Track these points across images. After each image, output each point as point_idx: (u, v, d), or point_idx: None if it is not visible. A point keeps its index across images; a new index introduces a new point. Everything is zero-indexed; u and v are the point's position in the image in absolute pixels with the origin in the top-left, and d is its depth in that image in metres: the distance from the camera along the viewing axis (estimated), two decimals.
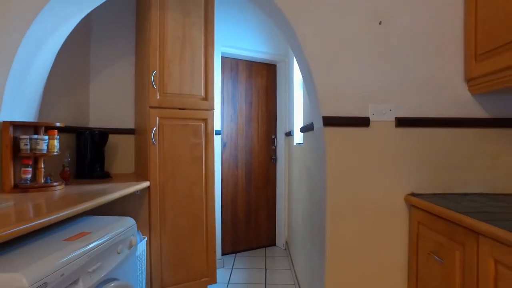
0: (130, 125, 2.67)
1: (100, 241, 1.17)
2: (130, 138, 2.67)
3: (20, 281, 0.80)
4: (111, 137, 2.48)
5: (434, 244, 1.34)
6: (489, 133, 1.58)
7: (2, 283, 0.79)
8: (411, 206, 1.55)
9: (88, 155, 2.26)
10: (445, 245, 1.26)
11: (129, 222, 1.45)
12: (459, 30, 1.57)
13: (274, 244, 3.80)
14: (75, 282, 1.00)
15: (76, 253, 1.02)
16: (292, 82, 3.36)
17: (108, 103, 2.61)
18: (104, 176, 2.27)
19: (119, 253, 1.29)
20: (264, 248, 3.72)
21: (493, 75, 1.40)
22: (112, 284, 1.18)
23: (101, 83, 2.60)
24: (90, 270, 1.08)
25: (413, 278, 1.53)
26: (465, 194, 1.56)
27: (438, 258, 1.30)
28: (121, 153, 2.64)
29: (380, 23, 1.58)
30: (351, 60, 1.58)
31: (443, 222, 1.27)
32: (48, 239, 1.09)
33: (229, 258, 3.40)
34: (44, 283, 0.86)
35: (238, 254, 3.52)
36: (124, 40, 2.62)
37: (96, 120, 2.59)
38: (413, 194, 1.56)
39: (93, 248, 1.11)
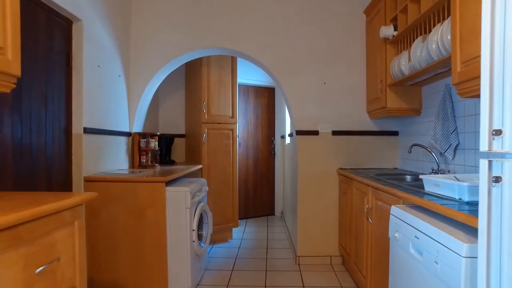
0: (182, 131, 4.27)
1: (199, 184, 2.77)
2: (181, 140, 4.27)
3: (187, 190, 2.42)
4: None
5: (344, 188, 2.95)
6: (377, 138, 3.19)
7: (180, 191, 2.41)
8: (339, 174, 3.15)
9: (164, 149, 3.86)
10: (347, 188, 2.86)
11: (204, 180, 3.05)
12: (364, 89, 3.18)
13: (273, 214, 5.40)
14: (194, 195, 2.60)
15: (197, 186, 2.63)
16: None
17: (168, 118, 4.21)
18: (172, 162, 3.86)
19: (203, 192, 2.89)
20: (266, 216, 5.33)
21: (374, 111, 3.01)
22: (202, 203, 2.79)
23: (165, 107, 4.20)
24: (197, 194, 2.68)
25: (340, 207, 3.14)
26: (366, 169, 3.16)
27: (345, 195, 2.91)
28: (176, 149, 4.24)
29: (324, 83, 3.19)
30: (309, 102, 3.18)
31: (346, 178, 2.87)
32: (180, 182, 2.69)
33: (243, 221, 5.00)
34: (191, 192, 2.47)
35: (248, 219, 5.12)
36: (178, 81, 4.21)
37: (162, 128, 4.19)
38: (340, 168, 3.16)
39: (198, 186, 2.72)
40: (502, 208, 0.82)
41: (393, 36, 2.57)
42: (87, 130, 2.43)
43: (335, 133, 3.18)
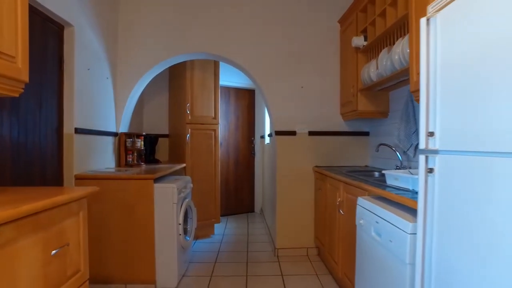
0: (165, 132, 4.41)
1: (184, 181, 2.94)
2: (165, 140, 4.41)
3: (174, 186, 2.59)
4: None
5: (320, 184, 3.20)
6: (350, 138, 3.47)
7: (168, 187, 2.57)
8: (315, 171, 3.40)
9: (148, 149, 3.99)
10: (322, 184, 3.11)
11: (188, 177, 3.22)
12: (338, 93, 3.45)
13: (253, 211, 5.62)
14: (180, 192, 2.77)
15: (182, 183, 2.80)
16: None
17: (152, 119, 4.34)
18: (156, 161, 4.00)
19: (188, 188, 3.06)
20: (246, 213, 5.53)
21: (346, 114, 3.28)
22: (187, 199, 2.96)
23: (149, 108, 4.33)
24: (183, 190, 2.85)
25: (315, 202, 3.39)
26: (339, 166, 3.42)
27: (320, 190, 3.16)
28: (159, 148, 4.37)
29: (302, 87, 3.43)
30: (288, 105, 3.41)
31: (321, 175, 3.12)
32: (167, 179, 2.85)
33: (224, 218, 5.18)
34: (177, 188, 2.64)
35: (229, 216, 5.31)
36: (161, 84, 4.35)
37: (146, 128, 4.32)
38: (316, 166, 3.41)
39: (184, 183, 2.89)
40: (434, 192, 1.06)
41: (363, 46, 2.84)
42: (78, 130, 2.55)
43: (311, 133, 3.43)
